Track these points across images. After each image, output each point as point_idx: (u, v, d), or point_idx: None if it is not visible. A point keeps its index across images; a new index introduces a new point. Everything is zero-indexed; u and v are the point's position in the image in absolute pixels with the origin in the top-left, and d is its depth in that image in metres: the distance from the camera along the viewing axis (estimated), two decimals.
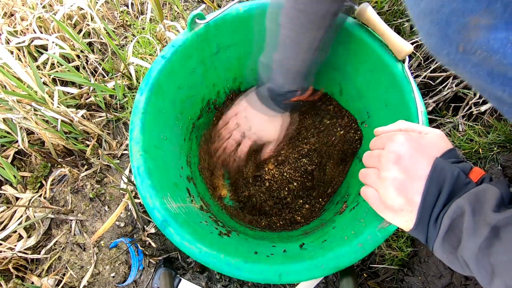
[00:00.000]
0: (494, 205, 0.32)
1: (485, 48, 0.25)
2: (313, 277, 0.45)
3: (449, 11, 0.25)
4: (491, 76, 0.26)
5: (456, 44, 0.26)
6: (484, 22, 0.24)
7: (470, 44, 0.25)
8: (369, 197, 0.42)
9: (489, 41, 0.24)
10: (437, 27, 0.27)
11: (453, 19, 0.25)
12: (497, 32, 0.23)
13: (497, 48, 0.24)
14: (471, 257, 0.31)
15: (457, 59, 0.27)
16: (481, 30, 0.24)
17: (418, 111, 0.50)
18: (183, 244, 0.46)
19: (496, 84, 0.26)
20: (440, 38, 0.27)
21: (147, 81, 0.55)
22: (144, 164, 0.51)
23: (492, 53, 0.24)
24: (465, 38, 0.25)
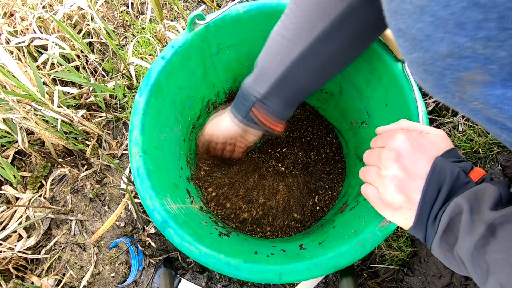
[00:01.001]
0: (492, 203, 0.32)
1: (482, 102, 0.24)
2: (313, 276, 0.45)
3: (443, 65, 0.25)
4: (488, 121, 0.26)
5: (452, 92, 0.26)
6: (480, 78, 0.23)
7: (466, 95, 0.25)
8: (369, 195, 0.42)
9: (485, 96, 0.24)
10: (431, 76, 0.27)
11: (448, 72, 0.25)
12: (494, 89, 0.23)
13: (494, 104, 0.24)
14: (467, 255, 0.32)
15: (454, 104, 0.27)
16: (477, 85, 0.24)
17: (419, 111, 0.50)
18: (183, 245, 0.46)
19: (494, 127, 0.26)
20: (435, 86, 0.27)
21: (147, 82, 0.55)
22: (143, 165, 0.51)
23: (489, 107, 0.24)
24: (461, 89, 0.25)
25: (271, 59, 0.51)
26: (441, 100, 0.28)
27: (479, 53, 0.22)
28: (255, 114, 0.57)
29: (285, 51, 0.49)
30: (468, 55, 0.23)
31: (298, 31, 0.47)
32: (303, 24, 0.47)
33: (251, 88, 0.55)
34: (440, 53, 0.24)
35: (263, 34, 0.66)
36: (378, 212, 0.43)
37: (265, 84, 0.53)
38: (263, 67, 0.53)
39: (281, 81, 0.52)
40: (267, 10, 0.61)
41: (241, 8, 0.61)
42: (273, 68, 0.51)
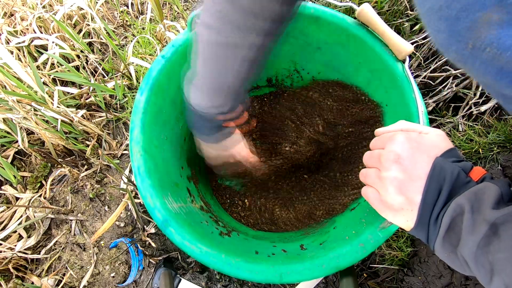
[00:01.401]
0: (493, 202, 0.32)
1: (496, 45, 0.24)
2: (314, 277, 0.45)
3: (460, 6, 0.24)
4: (500, 74, 0.25)
5: (465, 41, 0.26)
6: (496, 17, 0.23)
7: (480, 41, 0.25)
8: (369, 197, 0.42)
9: (500, 38, 0.23)
10: (446, 23, 0.26)
11: (464, 14, 0.24)
12: (509, 29, 0.23)
13: (509, 45, 0.23)
14: (470, 255, 0.31)
15: (466, 56, 0.27)
16: (493, 26, 0.23)
17: (419, 111, 0.50)
18: (184, 244, 0.46)
19: (504, 82, 0.26)
20: (449, 34, 0.26)
21: (147, 81, 0.55)
22: (144, 164, 0.51)
23: (503, 50, 0.24)
24: (475, 34, 0.25)
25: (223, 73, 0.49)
26: (453, 55, 0.28)
27: None
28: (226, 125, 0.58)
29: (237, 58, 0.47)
30: None
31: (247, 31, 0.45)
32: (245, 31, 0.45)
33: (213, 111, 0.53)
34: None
35: None
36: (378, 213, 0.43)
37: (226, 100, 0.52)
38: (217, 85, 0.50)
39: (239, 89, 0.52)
40: None
41: None
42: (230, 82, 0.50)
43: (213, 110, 0.53)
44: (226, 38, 0.45)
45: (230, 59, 0.47)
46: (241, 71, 0.49)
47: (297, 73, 0.75)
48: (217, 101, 0.52)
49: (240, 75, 0.49)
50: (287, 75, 0.77)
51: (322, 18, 0.61)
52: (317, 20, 0.61)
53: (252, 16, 0.43)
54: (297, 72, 0.75)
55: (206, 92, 0.51)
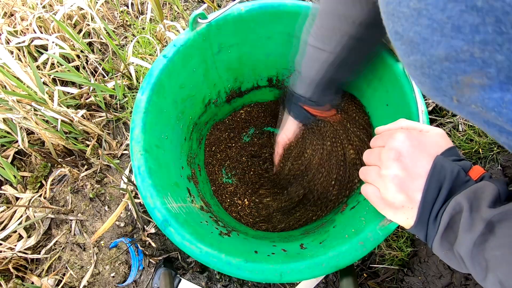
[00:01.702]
0: (490, 201, 0.32)
1: (480, 105, 0.24)
2: (314, 276, 0.45)
3: (440, 69, 0.25)
4: (487, 124, 0.26)
5: (450, 96, 0.26)
6: (478, 82, 0.23)
7: (464, 98, 0.25)
8: (369, 195, 0.42)
9: (483, 100, 0.24)
10: (429, 80, 0.26)
11: (445, 76, 0.25)
12: (491, 92, 0.23)
13: (492, 107, 0.24)
14: (466, 252, 0.32)
15: (452, 107, 0.27)
16: (475, 88, 0.24)
17: (419, 111, 0.50)
18: (184, 244, 0.46)
19: (493, 130, 0.26)
20: (433, 88, 0.27)
21: (149, 80, 0.55)
22: (145, 163, 0.51)
23: (487, 110, 0.24)
24: (459, 92, 0.25)
25: (309, 68, 0.59)
26: (439, 103, 0.29)
27: (477, 56, 0.22)
28: (309, 111, 0.67)
29: (320, 60, 0.57)
30: (465, 58, 0.23)
31: (329, 42, 0.54)
32: (332, 36, 0.53)
33: (299, 92, 0.65)
34: (437, 56, 0.24)
35: (265, 33, 0.66)
36: (378, 211, 0.43)
37: (309, 88, 0.62)
38: (304, 74, 0.61)
39: (321, 82, 0.60)
40: (268, 10, 0.61)
41: (243, 8, 0.61)
42: (313, 75, 0.59)
43: (299, 91, 0.65)
44: (316, 42, 0.56)
45: (314, 59, 0.57)
46: (321, 70, 0.58)
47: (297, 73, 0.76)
48: (302, 86, 0.64)
49: (319, 73, 0.59)
50: (288, 75, 0.77)
51: None
52: None
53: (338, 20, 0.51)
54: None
55: (300, 82, 0.63)
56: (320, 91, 0.63)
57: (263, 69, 0.76)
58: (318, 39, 0.55)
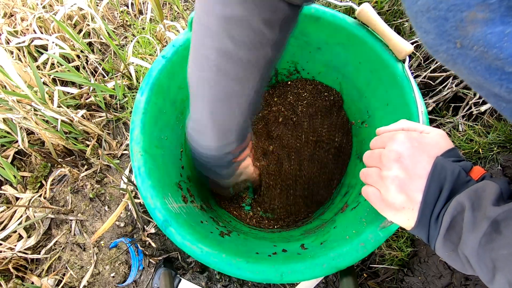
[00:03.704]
0: (493, 199, 0.32)
1: (482, 43, 0.25)
2: (314, 276, 0.45)
3: (446, 7, 0.25)
4: (488, 71, 0.26)
5: (454, 40, 0.27)
6: (481, 16, 0.24)
7: (467, 39, 0.26)
8: (370, 196, 0.42)
9: (486, 36, 0.24)
10: (434, 24, 0.27)
11: (451, 14, 0.25)
12: (494, 26, 0.24)
13: (494, 42, 0.24)
14: (472, 253, 0.31)
15: (456, 55, 0.28)
16: (478, 24, 0.24)
17: (419, 111, 0.50)
18: (185, 244, 0.46)
19: (493, 79, 0.26)
20: (438, 35, 0.27)
21: (148, 81, 0.55)
22: (144, 164, 0.51)
23: (489, 48, 0.25)
24: (462, 33, 0.26)
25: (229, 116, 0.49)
26: (443, 55, 0.29)
27: None
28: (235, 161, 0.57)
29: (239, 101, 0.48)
30: None
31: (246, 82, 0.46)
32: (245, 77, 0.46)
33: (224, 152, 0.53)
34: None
35: None
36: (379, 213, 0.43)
37: (231, 138, 0.52)
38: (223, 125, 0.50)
39: (244, 125, 0.51)
40: None
41: None
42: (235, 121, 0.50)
43: (225, 148, 0.52)
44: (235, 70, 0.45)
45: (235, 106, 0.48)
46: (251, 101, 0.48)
47: (297, 73, 0.76)
48: (227, 139, 0.52)
49: (249, 106, 0.49)
50: (287, 75, 0.77)
51: (322, 18, 0.61)
52: (317, 20, 0.61)
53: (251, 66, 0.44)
54: (297, 72, 0.75)
55: (214, 135, 0.50)
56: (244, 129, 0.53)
57: None
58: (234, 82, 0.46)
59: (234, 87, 0.46)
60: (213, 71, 0.45)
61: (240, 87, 0.46)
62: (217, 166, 0.56)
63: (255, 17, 0.41)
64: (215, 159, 0.54)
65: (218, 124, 0.49)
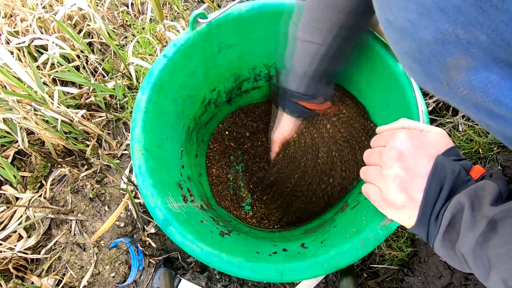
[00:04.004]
0: (492, 199, 0.32)
1: (467, 87, 0.25)
2: (315, 275, 0.45)
3: (429, 52, 0.26)
4: (477, 108, 0.27)
5: (439, 80, 0.27)
6: (464, 63, 0.24)
7: (453, 82, 0.26)
8: (370, 194, 0.42)
9: (470, 81, 0.25)
10: (419, 65, 0.27)
11: (434, 59, 0.26)
12: (477, 73, 0.24)
13: (478, 88, 0.24)
14: (469, 251, 0.32)
15: (443, 92, 0.28)
16: (462, 70, 0.25)
17: (419, 111, 0.50)
18: (185, 244, 0.46)
19: (483, 115, 0.27)
20: (424, 74, 0.28)
21: (149, 80, 0.55)
22: (145, 163, 0.50)
23: (475, 91, 0.25)
24: (447, 76, 0.26)
25: (301, 63, 0.59)
26: (432, 91, 0.29)
27: (461, 37, 0.23)
28: (304, 105, 0.67)
29: (311, 53, 0.57)
30: (451, 40, 0.24)
31: (319, 34, 0.54)
32: (322, 28, 0.53)
33: (292, 89, 0.65)
34: (426, 40, 0.25)
35: (265, 33, 0.66)
36: (379, 211, 0.43)
37: (302, 83, 0.62)
38: (296, 70, 0.61)
39: (313, 75, 0.61)
40: (269, 10, 0.62)
41: (243, 7, 0.61)
42: (305, 69, 0.60)
43: (292, 88, 0.64)
44: (306, 35, 0.55)
45: (306, 54, 0.58)
46: (313, 64, 0.58)
47: None
48: (299, 86, 0.63)
49: (312, 67, 0.59)
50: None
51: None
52: None
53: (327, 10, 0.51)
54: None
55: (292, 78, 0.63)
56: (313, 84, 0.63)
57: (263, 68, 0.76)
58: (307, 32, 0.55)
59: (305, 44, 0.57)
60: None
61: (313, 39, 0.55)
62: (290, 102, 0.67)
63: None
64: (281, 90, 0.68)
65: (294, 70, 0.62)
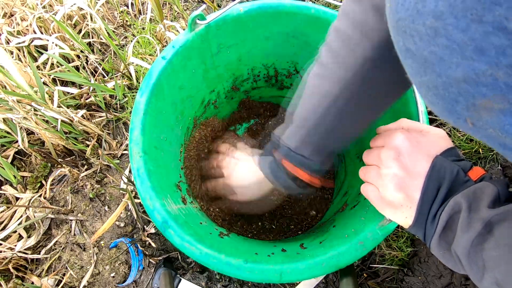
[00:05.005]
0: (490, 202, 0.32)
1: (499, 129, 0.22)
2: (314, 276, 0.45)
3: (457, 91, 0.22)
4: (503, 147, 0.24)
5: (464, 118, 0.24)
6: (498, 106, 0.21)
7: (481, 122, 0.23)
8: (369, 194, 0.42)
9: (503, 125, 0.22)
10: (442, 101, 0.24)
11: (462, 98, 0.22)
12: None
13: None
14: (464, 252, 0.32)
15: (466, 129, 0.25)
16: (494, 113, 0.21)
17: (419, 111, 0.50)
18: (184, 246, 0.46)
19: (506, 152, 0.24)
20: (446, 110, 0.24)
21: (148, 82, 0.55)
22: (144, 165, 0.50)
23: (507, 135, 0.22)
24: (475, 116, 0.23)
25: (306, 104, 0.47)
26: (451, 123, 0.26)
27: (500, 80, 0.20)
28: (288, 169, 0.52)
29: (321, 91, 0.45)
30: (487, 82, 0.20)
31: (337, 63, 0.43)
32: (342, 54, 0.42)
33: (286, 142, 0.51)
34: (455, 79, 0.22)
35: (264, 34, 0.66)
36: (378, 211, 0.43)
37: (299, 134, 0.49)
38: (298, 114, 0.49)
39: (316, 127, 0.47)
40: (268, 10, 0.61)
41: (242, 8, 0.61)
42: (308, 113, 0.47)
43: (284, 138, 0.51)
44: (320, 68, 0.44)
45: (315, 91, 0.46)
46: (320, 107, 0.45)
47: (297, 73, 0.76)
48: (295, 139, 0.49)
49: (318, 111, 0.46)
50: (287, 75, 0.77)
51: (322, 18, 0.61)
52: (317, 20, 0.61)
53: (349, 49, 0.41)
54: (297, 72, 0.75)
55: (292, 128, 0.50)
56: (313, 142, 0.49)
57: (262, 69, 0.76)
58: (322, 64, 0.44)
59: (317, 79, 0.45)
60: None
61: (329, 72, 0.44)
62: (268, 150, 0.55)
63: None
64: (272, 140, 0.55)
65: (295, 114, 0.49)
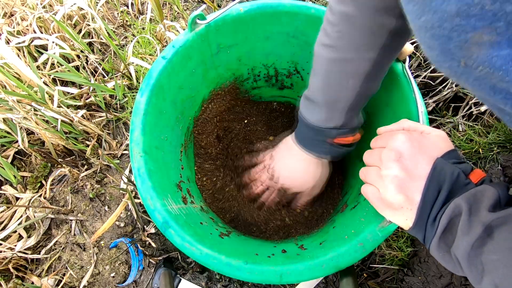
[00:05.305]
0: (490, 205, 0.32)
1: (487, 65, 0.24)
2: (314, 277, 0.45)
3: (450, 26, 0.24)
4: (493, 90, 0.26)
5: (457, 59, 0.26)
6: (487, 38, 0.23)
7: (471, 60, 0.25)
8: (369, 195, 0.42)
9: (491, 58, 0.24)
10: (438, 41, 0.26)
11: (455, 34, 0.25)
12: (500, 49, 0.23)
13: (499, 65, 0.23)
14: (463, 255, 0.32)
15: (459, 73, 0.27)
16: (484, 46, 0.24)
17: (419, 111, 0.50)
18: (184, 246, 0.46)
19: (498, 98, 0.26)
20: (441, 52, 0.27)
21: (148, 82, 0.55)
22: (144, 165, 0.50)
23: (495, 70, 0.24)
24: (467, 53, 0.25)
25: (341, 88, 0.51)
26: (447, 71, 0.28)
27: (487, 9, 0.22)
28: (338, 142, 0.57)
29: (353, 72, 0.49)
30: (476, 12, 0.22)
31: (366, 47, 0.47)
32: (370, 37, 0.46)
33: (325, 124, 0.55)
34: (449, 13, 0.24)
35: (264, 34, 0.66)
36: (378, 212, 0.43)
37: (342, 114, 0.53)
38: (335, 99, 0.52)
39: (355, 102, 0.52)
40: (268, 10, 0.61)
41: (242, 8, 0.61)
42: (347, 95, 0.51)
43: (328, 124, 0.54)
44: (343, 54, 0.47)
45: (346, 74, 0.49)
46: (356, 86, 0.50)
47: (297, 73, 0.76)
48: (332, 116, 0.53)
49: (355, 90, 0.50)
50: (287, 75, 0.77)
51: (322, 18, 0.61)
52: (317, 20, 0.61)
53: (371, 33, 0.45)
54: (297, 72, 0.75)
55: (322, 107, 0.53)
56: (354, 112, 0.54)
57: (262, 69, 0.76)
58: (348, 48, 0.47)
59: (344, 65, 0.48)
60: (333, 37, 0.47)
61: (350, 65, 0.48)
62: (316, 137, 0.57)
63: None
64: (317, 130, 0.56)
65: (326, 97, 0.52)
